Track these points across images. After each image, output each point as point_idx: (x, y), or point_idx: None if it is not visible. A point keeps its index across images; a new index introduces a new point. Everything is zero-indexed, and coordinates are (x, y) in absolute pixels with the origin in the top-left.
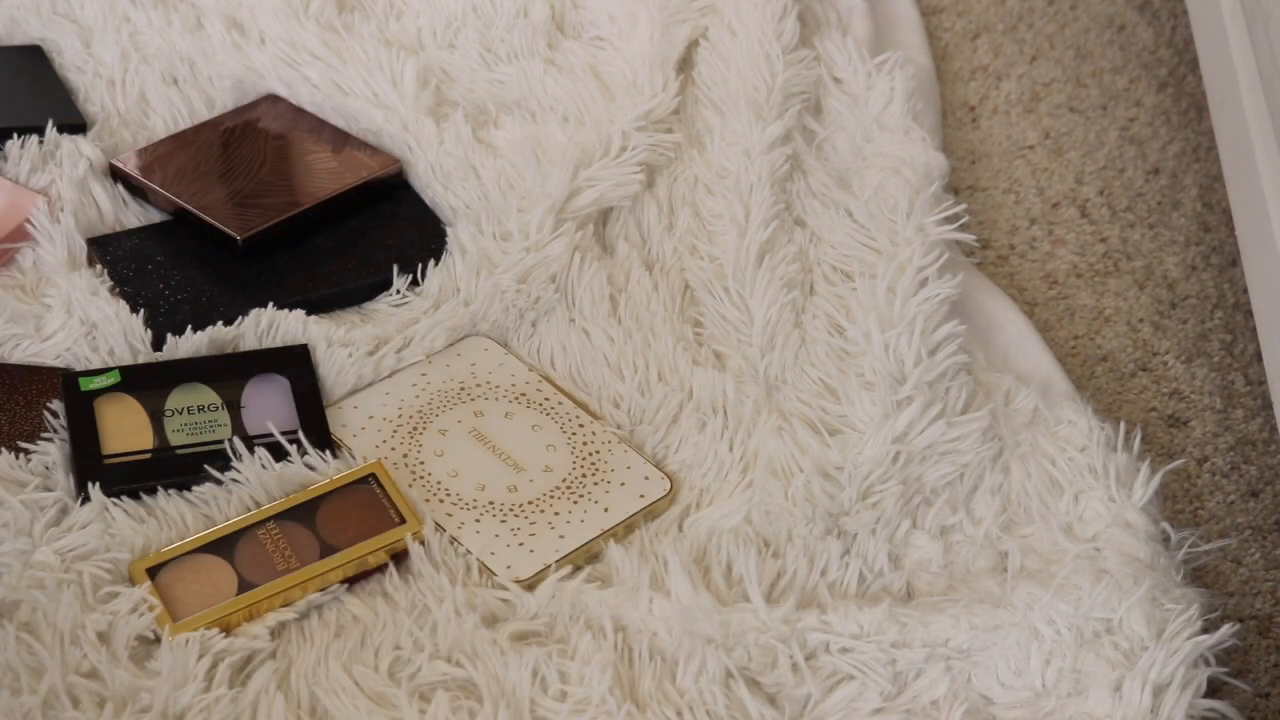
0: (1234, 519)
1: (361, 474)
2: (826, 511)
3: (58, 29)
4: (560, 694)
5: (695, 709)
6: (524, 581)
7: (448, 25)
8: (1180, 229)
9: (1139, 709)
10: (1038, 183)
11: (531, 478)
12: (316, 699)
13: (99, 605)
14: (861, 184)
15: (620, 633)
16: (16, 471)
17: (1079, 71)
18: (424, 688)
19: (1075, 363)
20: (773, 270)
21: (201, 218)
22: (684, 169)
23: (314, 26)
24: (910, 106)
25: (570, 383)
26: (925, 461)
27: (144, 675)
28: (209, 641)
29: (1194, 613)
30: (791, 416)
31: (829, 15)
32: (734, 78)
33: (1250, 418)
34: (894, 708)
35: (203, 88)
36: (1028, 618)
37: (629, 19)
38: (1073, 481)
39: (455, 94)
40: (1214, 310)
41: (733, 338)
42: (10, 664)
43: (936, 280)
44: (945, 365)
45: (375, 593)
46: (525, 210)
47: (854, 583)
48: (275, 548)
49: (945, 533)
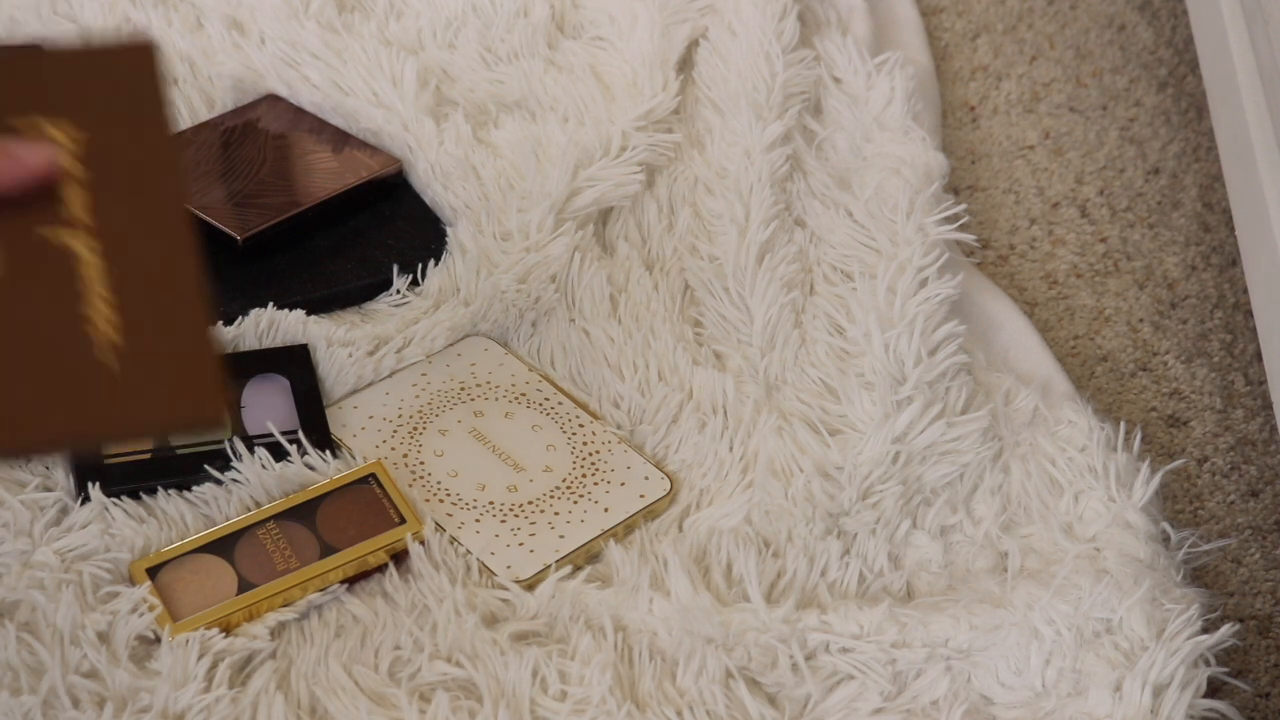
0: (1234, 519)
1: (361, 474)
2: (826, 511)
3: (58, 29)
4: (560, 694)
5: (695, 709)
6: (524, 581)
7: (448, 25)
8: (1180, 229)
9: (1139, 709)
10: (1038, 183)
11: (531, 478)
12: (316, 699)
13: (99, 605)
14: (861, 184)
15: (620, 633)
16: (16, 471)
17: (1079, 71)
18: (424, 688)
19: (1075, 363)
20: (773, 270)
21: (201, 218)
22: (684, 169)
23: (314, 26)
24: (910, 106)
25: (570, 383)
26: (925, 461)
27: (144, 675)
28: (209, 641)
29: (1194, 613)
30: (791, 416)
31: (829, 15)
32: (734, 78)
33: (1250, 418)
34: (894, 708)
35: (203, 88)
36: (1028, 618)
37: (629, 19)
38: (1073, 481)
39: (455, 94)
40: (1214, 310)
41: (733, 338)
42: (10, 664)
43: (936, 280)
44: (945, 365)
45: (375, 593)
46: (525, 210)
47: (854, 583)
48: (275, 548)
49: (945, 533)
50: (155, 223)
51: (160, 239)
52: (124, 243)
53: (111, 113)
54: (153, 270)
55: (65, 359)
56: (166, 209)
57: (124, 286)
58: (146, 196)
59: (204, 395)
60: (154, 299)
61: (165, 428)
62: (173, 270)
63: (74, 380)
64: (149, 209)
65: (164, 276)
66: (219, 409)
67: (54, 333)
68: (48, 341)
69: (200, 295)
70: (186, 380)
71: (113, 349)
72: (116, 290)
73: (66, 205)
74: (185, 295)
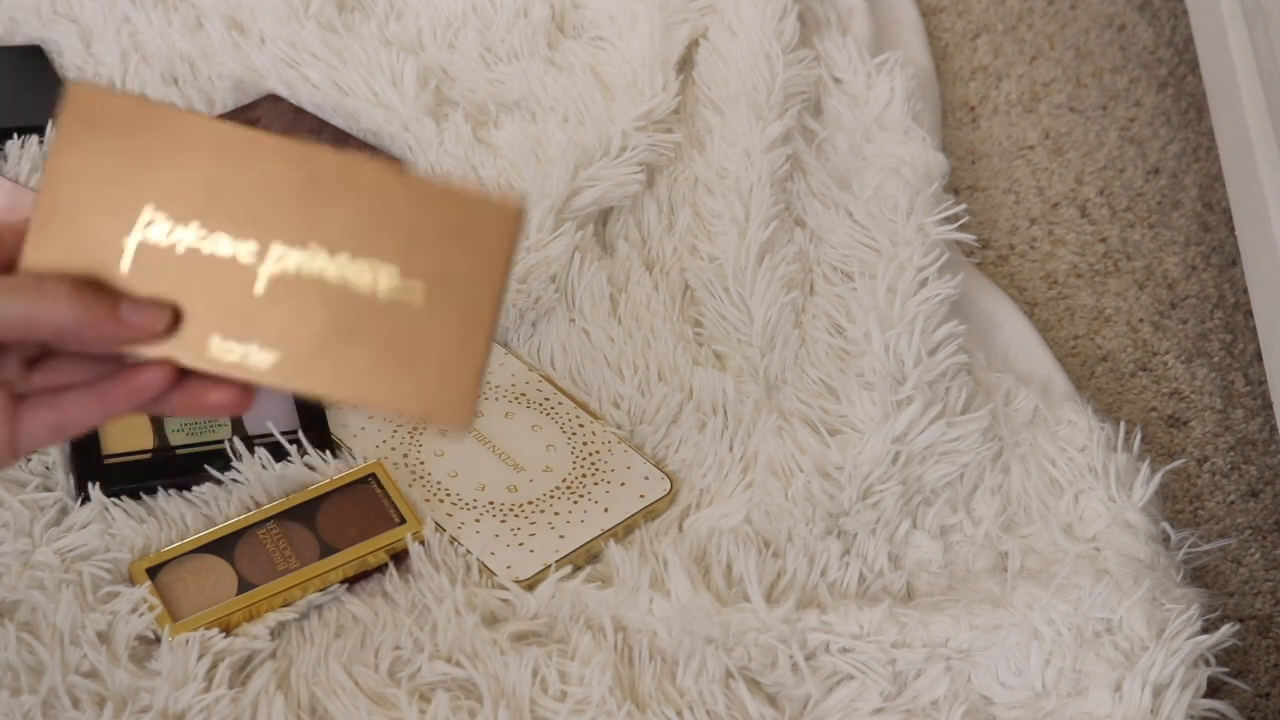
0: (1234, 519)
1: (361, 474)
2: (826, 511)
3: (58, 29)
4: (560, 694)
5: (695, 709)
6: (524, 581)
7: (448, 25)
8: (1180, 229)
9: (1139, 709)
10: (1038, 183)
11: (531, 478)
12: (316, 699)
13: (99, 605)
14: (861, 184)
15: (620, 633)
16: (16, 471)
17: (1079, 71)
18: (424, 688)
19: (1075, 363)
20: (773, 270)
21: None
22: (684, 169)
23: (314, 26)
24: (910, 106)
25: (570, 383)
26: (925, 461)
27: (144, 675)
28: (209, 641)
29: (1194, 613)
30: (791, 416)
31: (829, 15)
32: (734, 78)
33: (1250, 418)
34: (894, 708)
35: (203, 88)
36: (1028, 618)
37: (629, 19)
38: (1073, 481)
39: (455, 94)
40: (1214, 310)
41: (733, 338)
42: (10, 664)
43: (936, 280)
44: (945, 365)
45: (375, 593)
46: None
47: (854, 583)
48: (275, 548)
49: (945, 533)
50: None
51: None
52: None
53: (447, 267)
54: (461, 282)
55: (399, 335)
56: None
57: (436, 294)
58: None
59: (464, 405)
60: (452, 322)
61: (424, 418)
62: (476, 290)
63: (394, 351)
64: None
65: (468, 291)
66: (468, 421)
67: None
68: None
69: (489, 336)
70: (456, 387)
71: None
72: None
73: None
74: (478, 325)
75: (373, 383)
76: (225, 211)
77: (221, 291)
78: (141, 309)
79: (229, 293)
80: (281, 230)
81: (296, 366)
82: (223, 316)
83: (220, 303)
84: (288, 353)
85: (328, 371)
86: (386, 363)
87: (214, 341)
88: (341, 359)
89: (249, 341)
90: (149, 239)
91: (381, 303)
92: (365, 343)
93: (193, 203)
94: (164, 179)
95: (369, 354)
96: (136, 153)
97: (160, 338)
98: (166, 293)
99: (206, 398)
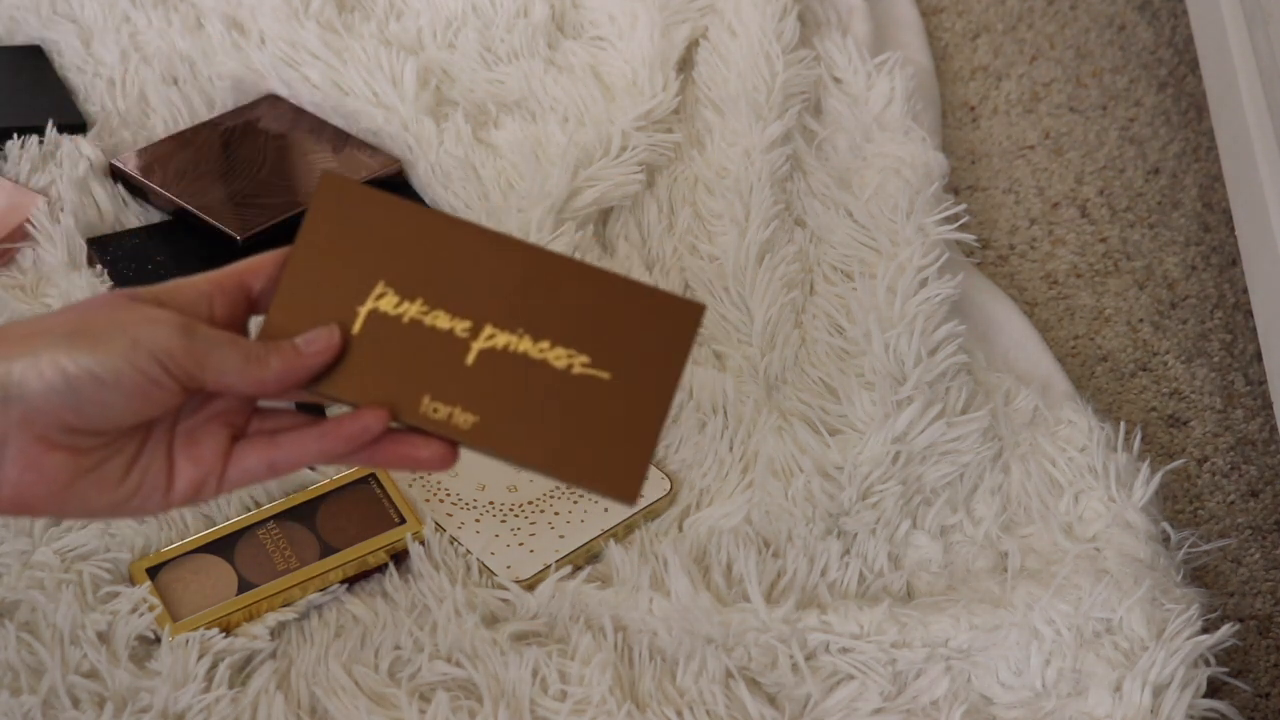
0: (1234, 519)
1: (361, 474)
2: (826, 511)
3: (58, 29)
4: (560, 694)
5: (695, 709)
6: (524, 581)
7: (448, 25)
8: (1180, 229)
9: (1139, 709)
10: (1038, 183)
11: (531, 478)
12: (316, 699)
13: (99, 605)
14: (861, 184)
15: (620, 633)
16: None
17: (1079, 71)
18: (424, 688)
19: (1075, 363)
20: (773, 270)
21: (201, 218)
22: (684, 169)
23: (314, 26)
24: (910, 106)
25: None
26: (925, 461)
27: (144, 675)
28: (209, 641)
29: (1194, 613)
30: (791, 416)
31: (829, 15)
32: (734, 78)
33: (1250, 418)
34: (894, 708)
35: (203, 88)
36: (1028, 618)
37: (629, 19)
38: (1073, 481)
39: (455, 94)
40: (1214, 310)
41: (733, 338)
42: (10, 664)
43: (936, 280)
44: (945, 365)
45: (375, 593)
46: (525, 210)
47: (854, 583)
48: (275, 548)
49: (945, 533)
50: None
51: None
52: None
53: (633, 356)
54: (644, 370)
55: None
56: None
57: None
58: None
59: (633, 481)
60: (633, 405)
61: (596, 489)
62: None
63: (567, 420)
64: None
65: (646, 376)
66: (634, 497)
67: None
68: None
69: (664, 421)
70: (629, 465)
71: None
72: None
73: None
74: (655, 411)
75: (555, 452)
76: (447, 293)
77: (436, 359)
78: (311, 336)
79: (443, 361)
80: (495, 314)
81: (491, 430)
82: (435, 380)
83: (434, 368)
84: (487, 418)
85: (519, 438)
86: (571, 436)
87: (425, 400)
88: (532, 428)
89: (454, 404)
90: (379, 308)
91: (573, 384)
92: (555, 417)
93: (420, 283)
94: (398, 261)
95: (557, 427)
96: (377, 236)
97: (334, 352)
98: (389, 354)
99: (417, 451)
